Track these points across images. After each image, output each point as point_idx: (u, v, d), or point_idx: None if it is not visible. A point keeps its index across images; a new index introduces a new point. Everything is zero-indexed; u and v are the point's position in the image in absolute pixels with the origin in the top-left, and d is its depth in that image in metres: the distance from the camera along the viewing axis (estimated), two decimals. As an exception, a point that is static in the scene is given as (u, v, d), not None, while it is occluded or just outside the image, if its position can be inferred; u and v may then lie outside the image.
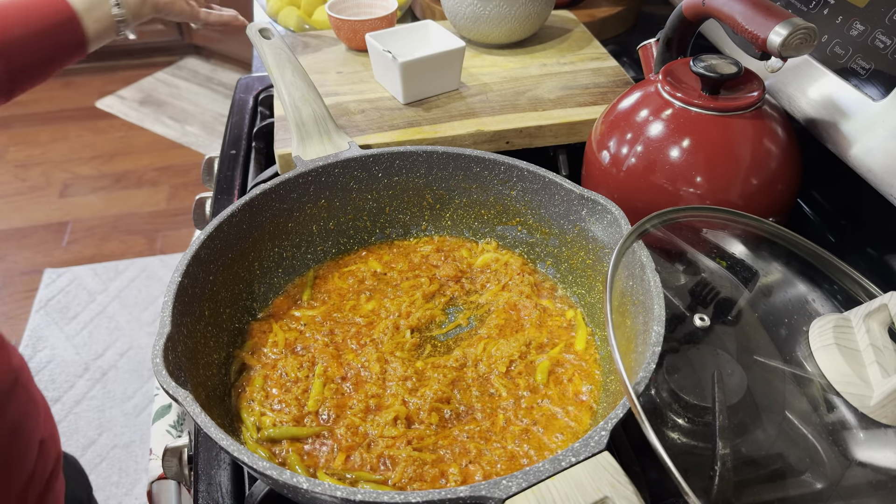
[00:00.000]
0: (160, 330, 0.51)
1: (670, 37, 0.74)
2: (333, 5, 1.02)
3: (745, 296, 0.58)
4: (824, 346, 0.51)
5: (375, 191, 0.72)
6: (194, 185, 2.69)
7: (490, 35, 0.99)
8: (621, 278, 0.57)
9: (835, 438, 0.48)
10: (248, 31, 0.82)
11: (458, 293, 0.70)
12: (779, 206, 0.66)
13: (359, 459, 0.54)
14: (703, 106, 0.64)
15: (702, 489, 0.44)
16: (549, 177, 0.66)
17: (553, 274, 0.71)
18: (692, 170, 0.63)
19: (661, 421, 0.52)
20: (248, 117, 1.02)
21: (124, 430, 1.80)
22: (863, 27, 0.65)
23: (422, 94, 0.88)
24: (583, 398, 0.59)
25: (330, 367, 0.61)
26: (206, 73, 3.45)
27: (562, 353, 0.63)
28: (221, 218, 0.62)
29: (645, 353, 0.48)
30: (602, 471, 0.42)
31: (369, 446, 0.55)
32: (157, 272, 2.28)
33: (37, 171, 2.76)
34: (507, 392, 0.59)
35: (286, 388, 0.59)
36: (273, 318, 0.66)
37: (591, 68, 0.95)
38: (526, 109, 0.86)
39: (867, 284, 0.56)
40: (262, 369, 0.61)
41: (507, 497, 0.41)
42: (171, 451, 0.62)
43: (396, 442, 0.55)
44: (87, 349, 2.02)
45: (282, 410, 0.58)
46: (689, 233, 0.59)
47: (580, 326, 0.65)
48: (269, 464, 0.43)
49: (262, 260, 0.67)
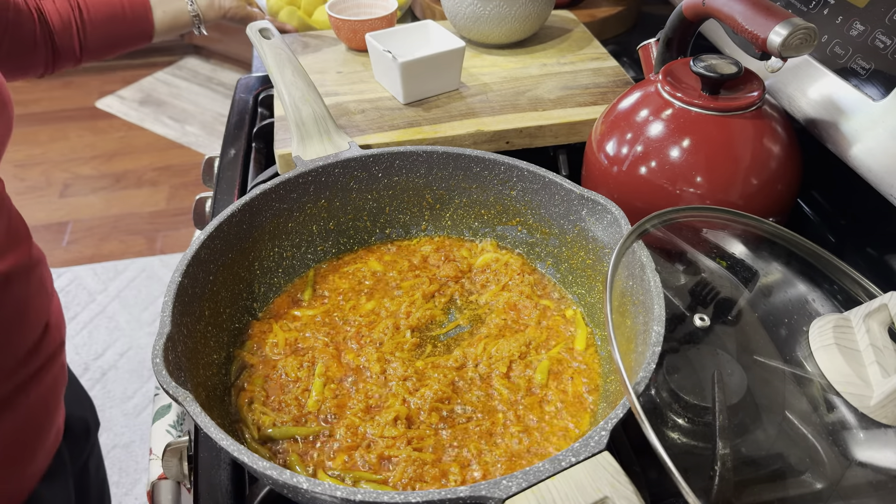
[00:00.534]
0: (160, 330, 0.51)
1: (670, 37, 0.74)
2: (333, 5, 1.02)
3: (745, 296, 0.58)
4: (824, 346, 0.51)
5: (375, 191, 0.72)
6: (194, 185, 2.69)
7: (490, 35, 0.99)
8: (621, 278, 0.57)
9: (835, 438, 0.48)
10: (249, 31, 0.82)
11: (458, 293, 0.70)
12: (779, 206, 0.66)
13: (359, 459, 0.54)
14: (703, 106, 0.64)
15: (702, 489, 0.44)
16: (549, 177, 0.66)
17: (553, 274, 0.71)
18: (692, 170, 0.63)
19: (661, 421, 0.52)
20: (248, 117, 1.02)
21: (124, 430, 1.80)
22: (863, 27, 0.65)
23: (422, 94, 0.88)
24: (583, 398, 0.59)
25: (330, 367, 0.61)
26: (206, 73, 3.45)
27: (562, 353, 0.63)
28: (221, 218, 0.62)
29: (645, 353, 0.48)
30: (602, 471, 0.42)
31: (369, 446, 0.55)
32: (157, 272, 2.28)
33: (37, 171, 2.76)
34: (508, 392, 0.59)
35: (286, 388, 0.59)
36: (273, 318, 0.66)
37: (591, 68, 0.95)
38: (526, 109, 0.86)
39: (867, 284, 0.56)
40: (263, 369, 0.61)
41: (507, 497, 0.41)
42: (171, 451, 0.62)
43: (396, 442, 0.55)
44: (87, 349, 2.02)
45: (282, 410, 0.58)
46: (689, 233, 0.59)
47: (580, 326, 0.65)
48: (269, 464, 0.43)
49: (262, 260, 0.67)
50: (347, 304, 0.68)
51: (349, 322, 0.66)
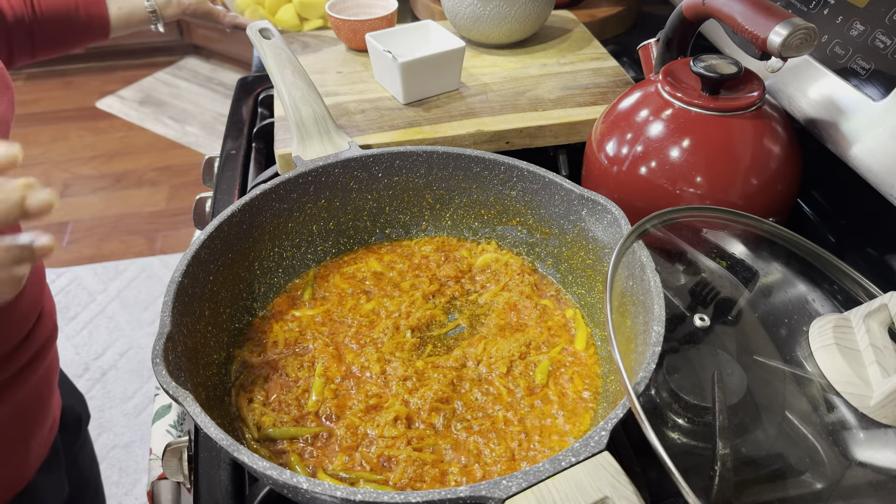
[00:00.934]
0: (160, 330, 0.51)
1: (670, 37, 0.74)
2: (333, 5, 1.02)
3: (745, 296, 0.58)
4: (824, 346, 0.51)
5: (375, 191, 0.72)
6: (194, 185, 2.69)
7: (490, 35, 0.99)
8: (621, 278, 0.57)
9: (835, 438, 0.48)
10: (248, 31, 0.82)
11: (459, 293, 0.70)
12: (779, 206, 0.66)
13: (359, 459, 0.54)
14: (703, 106, 0.64)
15: (702, 489, 0.44)
16: (549, 177, 0.66)
17: (553, 274, 0.71)
18: (692, 170, 0.63)
19: (661, 421, 0.52)
20: (248, 117, 1.02)
21: (124, 430, 1.80)
22: (863, 27, 0.65)
23: (422, 94, 0.88)
24: (583, 398, 0.59)
25: (330, 367, 0.61)
26: (206, 73, 3.45)
27: (562, 353, 0.63)
28: (221, 218, 0.62)
29: (645, 353, 0.48)
30: (602, 471, 0.42)
31: (369, 446, 0.55)
32: (157, 272, 2.28)
33: (37, 171, 2.76)
34: (507, 392, 0.59)
35: (286, 387, 0.59)
36: (273, 318, 0.66)
37: (591, 68, 0.95)
38: (526, 109, 0.86)
39: (867, 284, 0.56)
40: (263, 369, 0.61)
41: (507, 497, 0.41)
42: (171, 451, 0.62)
43: (396, 442, 0.55)
44: (87, 349, 2.02)
45: (282, 410, 0.58)
46: (689, 233, 0.59)
47: (580, 326, 0.65)
48: (269, 464, 0.43)
49: (262, 260, 0.67)
50: (347, 304, 0.68)
51: (349, 322, 0.66)
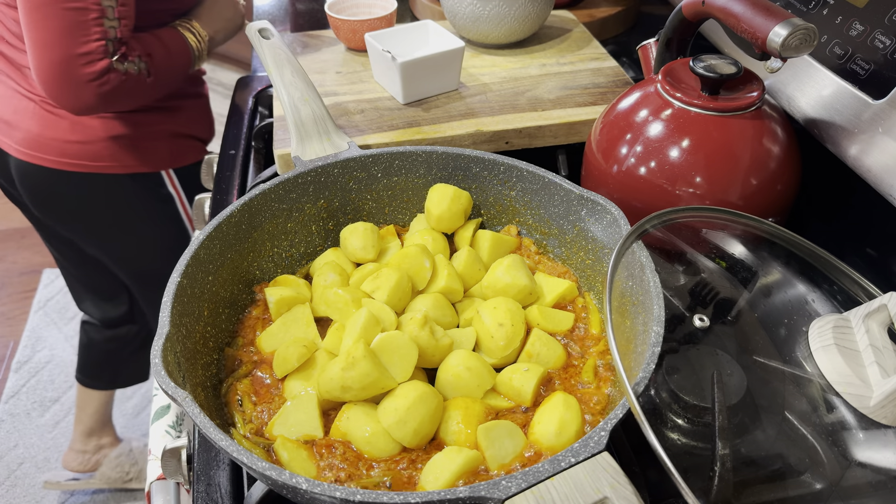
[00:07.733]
0: (159, 330, 0.50)
1: (670, 37, 0.74)
2: (333, 5, 1.02)
3: (745, 296, 0.58)
4: (824, 347, 0.51)
5: (375, 191, 0.72)
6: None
7: (490, 35, 0.99)
8: (621, 279, 0.57)
9: (834, 438, 0.48)
10: (248, 31, 0.82)
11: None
12: (779, 206, 0.66)
13: (358, 460, 0.54)
14: (702, 106, 0.64)
15: (701, 489, 0.44)
16: (548, 177, 0.66)
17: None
18: (692, 170, 0.63)
19: (660, 421, 0.52)
20: (247, 117, 1.02)
21: (124, 431, 1.80)
22: (862, 27, 0.65)
23: (421, 94, 0.88)
24: (583, 398, 0.59)
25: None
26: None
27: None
28: (221, 218, 0.62)
29: (644, 354, 0.48)
30: (602, 471, 0.42)
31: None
32: (156, 272, 2.27)
33: (36, 171, 2.75)
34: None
35: (278, 387, 0.59)
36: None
37: (590, 68, 0.95)
38: (525, 109, 0.86)
39: (867, 284, 0.56)
40: (261, 369, 0.61)
41: (507, 497, 0.41)
42: (170, 451, 0.62)
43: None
44: (87, 349, 2.01)
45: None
46: (689, 233, 0.59)
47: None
48: (268, 464, 0.43)
49: (261, 260, 0.67)
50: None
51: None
